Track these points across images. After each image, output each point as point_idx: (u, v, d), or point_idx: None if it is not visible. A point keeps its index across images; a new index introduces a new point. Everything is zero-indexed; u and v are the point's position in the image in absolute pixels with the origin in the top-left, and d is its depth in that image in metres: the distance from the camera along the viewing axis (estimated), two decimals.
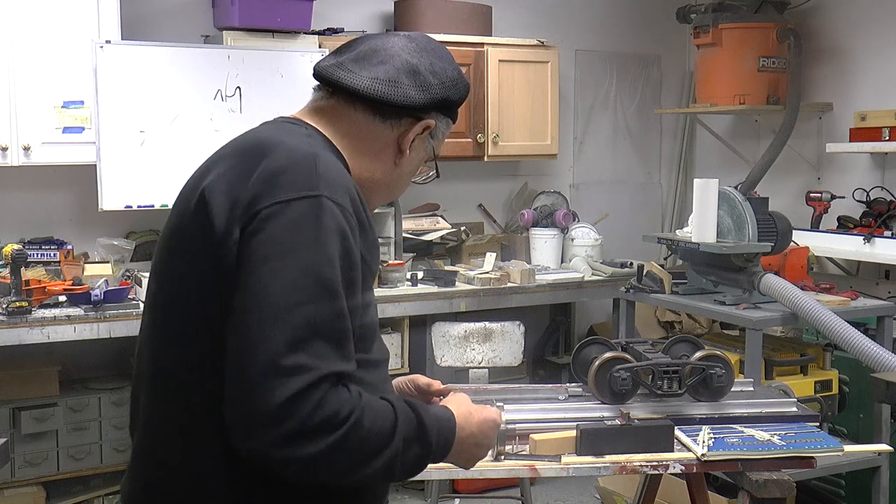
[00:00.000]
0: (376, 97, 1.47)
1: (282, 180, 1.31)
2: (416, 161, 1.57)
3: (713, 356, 2.36)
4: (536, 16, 5.40)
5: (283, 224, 1.28)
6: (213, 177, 1.38)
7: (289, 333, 1.23)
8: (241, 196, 1.32)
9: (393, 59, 1.49)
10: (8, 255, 3.64)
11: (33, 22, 3.84)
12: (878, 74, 4.70)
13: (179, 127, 4.02)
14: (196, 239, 1.34)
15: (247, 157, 1.38)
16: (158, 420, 1.41)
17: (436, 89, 1.51)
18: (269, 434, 1.21)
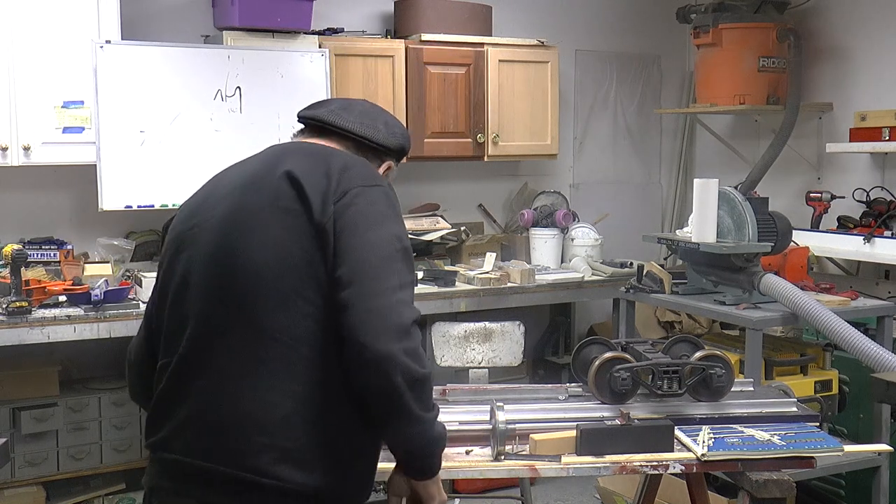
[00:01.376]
0: (363, 135, 1.88)
1: (354, 173, 1.72)
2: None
3: (713, 356, 2.36)
4: (536, 16, 5.40)
5: (370, 201, 1.69)
6: (292, 165, 1.72)
7: (397, 278, 1.63)
8: (325, 181, 1.69)
9: (366, 113, 1.93)
10: (8, 255, 3.64)
11: (33, 22, 3.84)
12: (878, 74, 4.70)
13: (179, 127, 4.02)
14: (293, 211, 1.67)
15: (314, 156, 1.77)
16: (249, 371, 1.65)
17: (399, 138, 1.95)
18: (401, 343, 1.58)
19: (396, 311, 1.59)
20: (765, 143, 5.12)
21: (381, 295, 1.60)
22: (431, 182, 5.07)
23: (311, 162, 1.74)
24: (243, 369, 1.64)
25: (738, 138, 5.53)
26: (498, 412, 2.15)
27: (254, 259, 1.67)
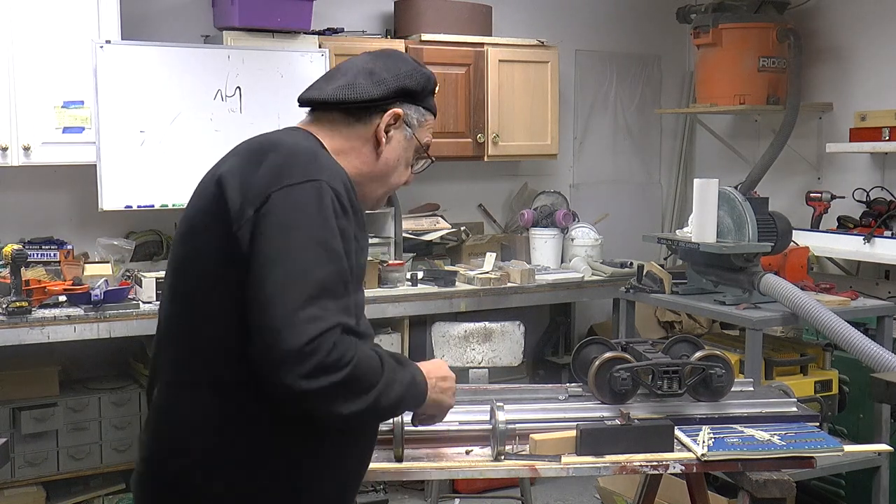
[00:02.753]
0: (339, 100, 1.72)
1: (287, 169, 1.57)
2: (398, 149, 1.78)
3: (713, 356, 2.36)
4: (536, 16, 5.41)
5: (292, 203, 1.53)
6: (227, 167, 1.63)
7: (305, 291, 1.48)
8: (253, 182, 1.56)
9: (350, 69, 1.77)
10: (8, 255, 3.64)
11: (33, 22, 3.84)
12: (878, 74, 4.70)
13: (179, 127, 4.02)
14: (215, 216, 1.58)
15: (255, 153, 1.64)
16: (181, 378, 1.63)
17: (390, 82, 1.74)
18: (297, 369, 1.46)
19: (296, 332, 1.45)
20: (765, 143, 5.12)
21: (280, 316, 1.47)
22: (431, 182, 5.07)
23: (248, 159, 1.63)
24: (171, 377, 1.65)
25: (738, 138, 5.53)
26: (498, 412, 2.15)
27: (177, 269, 1.67)
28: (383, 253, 4.61)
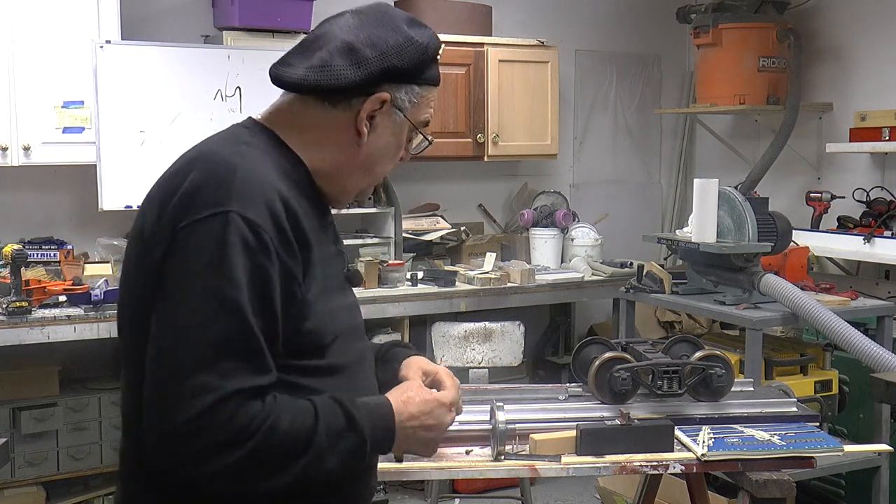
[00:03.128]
0: (312, 86, 1.45)
1: (197, 197, 1.32)
2: (385, 136, 1.49)
3: (713, 356, 2.35)
4: (536, 16, 5.41)
5: (192, 246, 1.29)
6: (154, 189, 1.45)
7: (193, 355, 1.25)
8: (165, 214, 1.34)
9: (329, 42, 1.48)
10: (8, 255, 3.65)
11: (33, 22, 3.84)
12: (878, 74, 4.70)
13: (179, 127, 4.02)
14: (135, 248, 1.41)
15: (179, 172, 1.40)
16: (122, 415, 1.47)
17: (373, 63, 1.44)
18: (177, 452, 1.25)
19: (177, 408, 1.24)
20: (765, 143, 5.12)
21: (161, 387, 1.26)
22: (431, 182, 5.07)
23: (171, 180, 1.40)
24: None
25: (738, 138, 5.53)
26: (498, 412, 2.14)
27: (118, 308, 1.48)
28: (383, 253, 4.61)
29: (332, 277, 1.47)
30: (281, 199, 1.35)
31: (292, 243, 1.35)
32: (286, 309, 1.34)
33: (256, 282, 1.30)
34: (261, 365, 1.30)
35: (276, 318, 1.32)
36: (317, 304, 1.39)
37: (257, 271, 1.30)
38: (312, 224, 1.42)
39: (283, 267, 1.33)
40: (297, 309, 1.36)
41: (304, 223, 1.38)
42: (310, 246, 1.39)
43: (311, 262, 1.39)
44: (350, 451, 1.37)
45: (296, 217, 1.36)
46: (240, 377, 1.27)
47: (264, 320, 1.30)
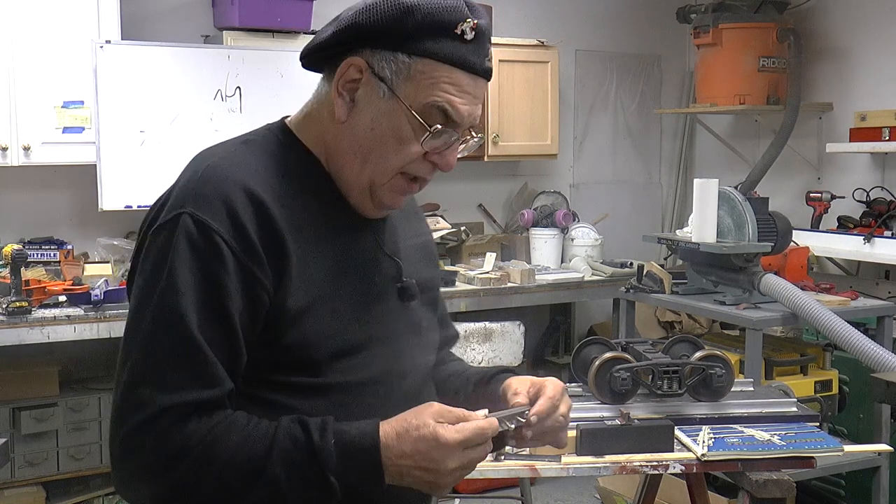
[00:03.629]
0: (302, 56, 1.34)
1: (167, 201, 1.26)
2: (370, 114, 1.27)
3: (713, 356, 2.35)
4: (536, 16, 5.40)
5: (147, 253, 1.24)
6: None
7: (135, 367, 1.18)
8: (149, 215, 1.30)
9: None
10: (8, 255, 3.65)
11: (33, 22, 3.84)
12: (878, 74, 4.70)
13: (179, 127, 4.02)
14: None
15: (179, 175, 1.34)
16: None
17: (344, 19, 1.27)
18: (116, 472, 1.19)
19: (112, 429, 1.18)
20: (765, 143, 5.12)
21: (115, 400, 1.19)
22: (431, 182, 5.05)
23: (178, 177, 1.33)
24: None
25: (738, 138, 5.53)
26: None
27: None
28: None
29: (350, 286, 1.30)
30: (248, 194, 1.22)
31: (254, 244, 1.21)
32: (253, 317, 1.22)
33: (205, 287, 1.19)
34: (206, 377, 1.18)
35: (231, 326, 1.20)
36: (306, 315, 1.25)
37: (206, 276, 1.19)
38: (313, 222, 1.28)
39: (243, 270, 1.20)
40: (272, 318, 1.23)
41: (283, 221, 1.23)
42: (285, 247, 1.23)
43: (290, 264, 1.23)
44: (313, 487, 1.18)
45: (267, 215, 1.22)
46: (179, 391, 1.16)
47: (215, 329, 1.19)
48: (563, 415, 1.38)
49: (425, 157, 1.30)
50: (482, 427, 1.22)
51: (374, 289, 1.34)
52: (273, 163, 1.30)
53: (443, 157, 1.31)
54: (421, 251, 1.48)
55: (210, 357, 1.18)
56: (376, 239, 1.37)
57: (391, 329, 1.36)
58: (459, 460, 1.21)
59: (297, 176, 1.31)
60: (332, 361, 1.28)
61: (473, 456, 1.23)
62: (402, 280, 1.38)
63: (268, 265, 1.22)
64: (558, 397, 1.37)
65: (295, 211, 1.26)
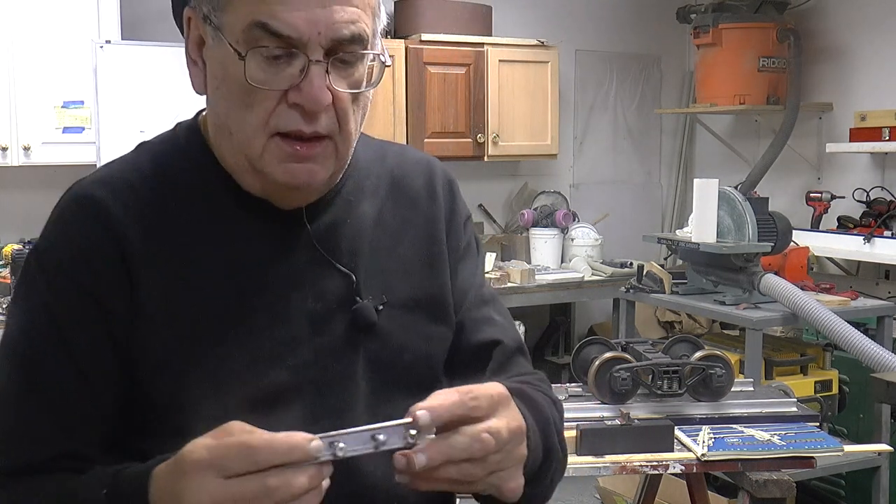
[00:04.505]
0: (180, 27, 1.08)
1: None
2: (211, 70, 1.03)
3: (713, 356, 2.35)
4: (536, 16, 5.40)
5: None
6: None
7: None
8: None
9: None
10: (8, 255, 3.65)
11: (33, 22, 3.84)
12: (878, 74, 4.70)
13: None
14: None
15: None
16: None
17: None
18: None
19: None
20: (765, 143, 5.12)
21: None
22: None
23: None
24: None
25: (738, 138, 5.53)
26: None
27: None
28: None
29: (259, 317, 1.01)
30: (93, 204, 1.03)
31: (90, 265, 0.98)
32: (100, 351, 0.97)
33: (33, 331, 0.98)
34: (10, 441, 0.96)
35: (54, 374, 0.96)
36: (174, 364, 0.97)
37: (35, 318, 0.98)
38: (202, 240, 1.02)
39: (80, 298, 0.98)
40: (127, 364, 0.98)
41: (139, 241, 1.00)
42: (132, 273, 0.98)
43: (139, 294, 0.98)
44: None
45: (119, 227, 1.00)
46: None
47: (33, 381, 0.96)
48: (490, 430, 0.87)
49: (287, 104, 0.96)
50: (251, 444, 0.78)
51: (302, 318, 1.03)
52: (153, 171, 1.06)
53: (301, 92, 0.95)
54: (417, 250, 1.13)
55: (19, 415, 0.96)
56: (315, 247, 1.05)
57: (332, 372, 1.03)
58: (211, 495, 0.78)
59: (187, 185, 1.05)
60: (221, 421, 0.85)
61: (245, 492, 0.78)
62: (356, 300, 1.05)
63: (107, 289, 0.98)
64: (482, 403, 0.87)
65: (170, 229, 1.01)
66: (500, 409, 0.89)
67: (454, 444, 0.84)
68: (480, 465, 0.86)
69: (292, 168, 0.98)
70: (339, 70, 0.97)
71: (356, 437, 0.83)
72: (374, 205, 1.11)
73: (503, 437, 0.88)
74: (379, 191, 1.13)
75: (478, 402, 0.87)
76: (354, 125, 1.01)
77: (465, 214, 1.20)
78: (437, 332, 1.12)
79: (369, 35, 0.98)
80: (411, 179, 1.16)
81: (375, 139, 1.19)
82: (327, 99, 0.95)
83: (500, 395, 0.90)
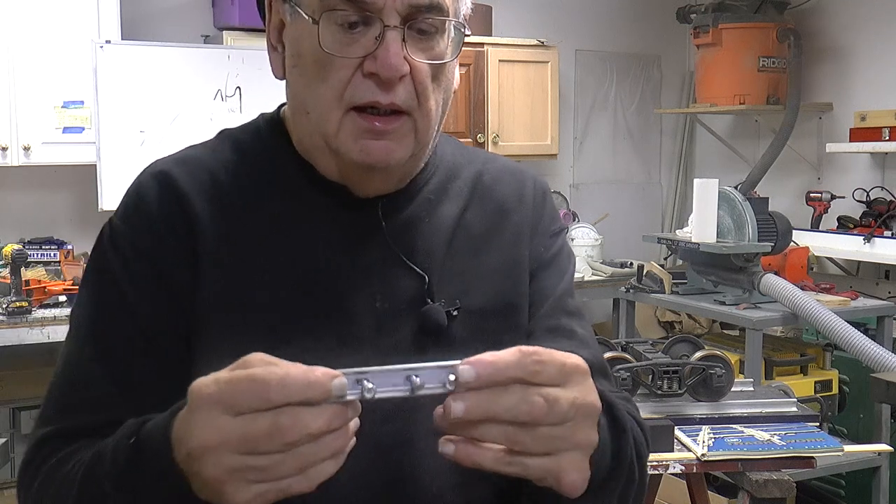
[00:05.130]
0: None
1: None
2: (290, 50, 1.00)
3: (713, 356, 2.35)
4: (536, 16, 5.40)
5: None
6: None
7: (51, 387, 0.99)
8: None
9: None
10: (8, 255, 3.64)
11: (33, 22, 3.84)
12: (878, 74, 4.70)
13: (179, 127, 4.02)
14: None
15: None
16: None
17: None
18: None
19: None
20: (765, 143, 5.11)
21: None
22: None
23: None
24: None
25: (738, 138, 5.53)
26: None
27: None
28: None
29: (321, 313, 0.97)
30: (167, 179, 1.00)
31: (159, 234, 0.98)
32: (165, 319, 0.96)
33: (101, 298, 0.99)
34: (71, 404, 0.95)
35: (121, 341, 0.96)
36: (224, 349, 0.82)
37: (104, 286, 0.99)
38: (276, 232, 0.99)
39: (146, 266, 0.97)
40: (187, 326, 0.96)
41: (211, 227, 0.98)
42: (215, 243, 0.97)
43: (215, 265, 0.97)
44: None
45: (190, 203, 0.98)
46: (48, 420, 0.96)
47: (100, 346, 0.96)
48: (546, 396, 0.74)
49: (363, 74, 0.93)
50: (263, 379, 0.71)
51: (368, 316, 0.98)
52: (230, 155, 1.05)
53: (377, 60, 0.92)
54: (501, 258, 1.07)
55: (85, 380, 0.96)
56: (389, 244, 1.01)
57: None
58: (219, 433, 0.71)
59: (262, 170, 1.03)
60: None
61: (255, 431, 0.70)
62: (427, 302, 0.99)
63: (173, 259, 0.97)
64: (547, 369, 0.75)
65: (241, 212, 1.00)
66: (570, 382, 0.76)
67: (497, 399, 0.73)
68: (530, 434, 0.74)
69: (368, 145, 0.95)
70: (417, 41, 0.94)
71: (388, 376, 0.73)
72: (457, 207, 1.06)
73: (562, 408, 0.75)
74: (463, 193, 1.08)
75: (542, 366, 0.75)
76: (435, 104, 0.97)
77: (555, 224, 1.14)
78: (509, 340, 0.91)
79: (448, 4, 0.95)
80: (501, 185, 1.11)
81: (468, 146, 1.16)
82: (404, 67, 0.92)
83: (575, 365, 0.77)
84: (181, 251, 0.97)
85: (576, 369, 0.77)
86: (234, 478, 0.71)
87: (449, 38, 0.96)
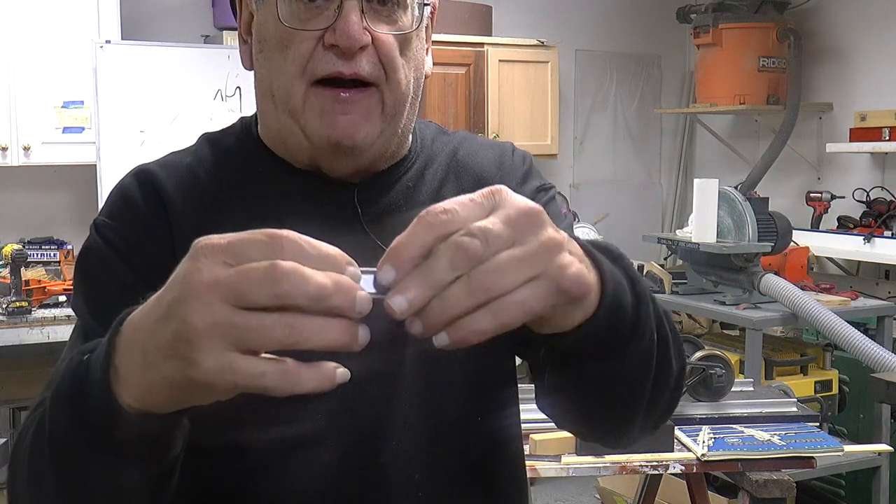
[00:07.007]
0: None
1: None
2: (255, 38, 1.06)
3: (713, 356, 2.36)
4: (536, 16, 5.40)
5: None
6: None
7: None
8: None
9: None
10: (8, 255, 3.65)
11: (33, 22, 3.84)
12: (878, 74, 4.70)
13: (179, 127, 4.02)
14: None
15: None
16: None
17: None
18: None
19: None
20: (765, 143, 5.12)
21: None
22: None
23: None
24: None
25: (738, 138, 5.53)
26: None
27: None
28: None
29: None
30: (148, 176, 1.01)
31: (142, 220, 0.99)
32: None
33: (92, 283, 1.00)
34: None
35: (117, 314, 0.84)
36: None
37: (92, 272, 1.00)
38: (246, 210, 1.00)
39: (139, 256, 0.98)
40: None
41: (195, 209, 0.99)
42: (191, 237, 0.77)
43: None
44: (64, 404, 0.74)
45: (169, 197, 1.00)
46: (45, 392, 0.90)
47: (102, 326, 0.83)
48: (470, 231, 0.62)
49: (324, 46, 0.94)
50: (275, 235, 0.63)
51: None
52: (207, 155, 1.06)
53: (335, 32, 0.92)
54: None
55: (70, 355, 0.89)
56: (367, 231, 1.00)
57: (373, 367, 0.94)
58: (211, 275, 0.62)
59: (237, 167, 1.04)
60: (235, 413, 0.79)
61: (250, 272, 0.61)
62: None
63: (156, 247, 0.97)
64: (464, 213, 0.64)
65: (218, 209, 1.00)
66: (497, 209, 0.65)
67: (428, 271, 0.62)
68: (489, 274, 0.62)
69: (334, 120, 0.94)
70: (377, 14, 0.94)
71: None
72: (433, 188, 1.04)
73: (497, 229, 0.63)
74: (438, 174, 1.06)
75: (450, 213, 0.63)
76: (406, 79, 0.96)
77: (537, 184, 1.09)
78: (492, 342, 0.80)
79: None
80: (478, 158, 1.08)
81: (450, 130, 1.14)
82: (363, 37, 0.92)
83: (491, 192, 0.65)
84: (162, 239, 0.98)
85: (496, 193, 0.65)
86: (213, 332, 0.61)
87: (411, 11, 0.96)
